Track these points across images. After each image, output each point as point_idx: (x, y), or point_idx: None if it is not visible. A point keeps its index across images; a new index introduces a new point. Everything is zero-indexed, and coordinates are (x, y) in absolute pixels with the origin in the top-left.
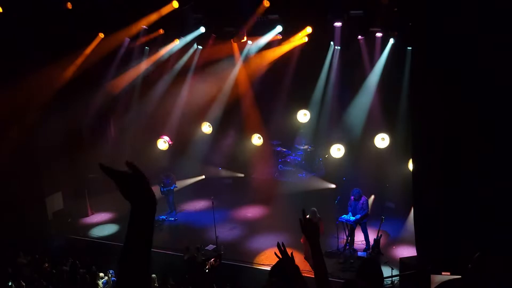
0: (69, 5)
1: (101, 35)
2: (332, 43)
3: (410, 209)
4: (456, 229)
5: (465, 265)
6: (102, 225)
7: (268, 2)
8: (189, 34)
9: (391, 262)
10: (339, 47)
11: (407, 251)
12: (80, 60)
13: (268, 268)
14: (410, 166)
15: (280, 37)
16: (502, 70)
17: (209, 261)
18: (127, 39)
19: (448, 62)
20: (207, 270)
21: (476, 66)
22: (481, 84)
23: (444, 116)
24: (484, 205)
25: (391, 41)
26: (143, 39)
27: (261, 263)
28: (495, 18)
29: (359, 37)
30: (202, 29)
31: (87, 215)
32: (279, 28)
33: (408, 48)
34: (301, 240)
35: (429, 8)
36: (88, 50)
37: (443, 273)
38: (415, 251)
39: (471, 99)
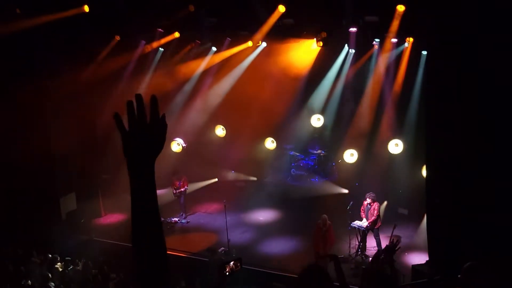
0: (86, 8)
1: (117, 37)
2: (347, 47)
3: (423, 216)
4: (470, 237)
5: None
6: (115, 226)
7: (283, 7)
8: (204, 37)
9: (403, 269)
10: (353, 51)
11: (419, 258)
12: (96, 62)
13: (279, 273)
14: (424, 172)
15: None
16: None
17: (229, 265)
18: (143, 42)
19: (464, 67)
20: (226, 273)
21: (494, 71)
22: (500, 89)
23: (459, 122)
24: (499, 213)
25: (406, 46)
26: (158, 42)
27: (273, 267)
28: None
29: (374, 42)
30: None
31: (100, 216)
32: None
33: (423, 52)
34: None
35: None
36: (104, 52)
37: None
38: (427, 257)
39: (488, 105)
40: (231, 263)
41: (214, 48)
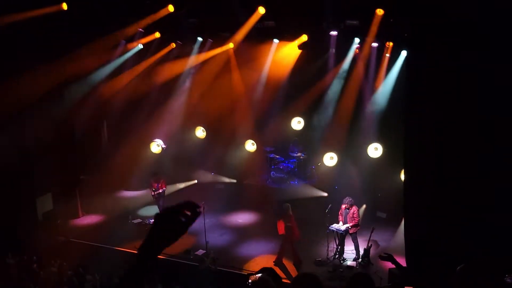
0: (65, 6)
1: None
2: (328, 51)
3: (401, 220)
4: (447, 241)
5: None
6: (92, 227)
7: (263, 8)
8: (185, 38)
9: (380, 273)
10: (334, 55)
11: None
12: (74, 60)
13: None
14: (402, 176)
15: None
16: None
17: (254, 276)
18: (123, 41)
19: (443, 70)
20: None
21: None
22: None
23: (438, 126)
24: (477, 218)
25: (387, 51)
26: (139, 42)
27: (251, 269)
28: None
29: (355, 46)
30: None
31: (77, 217)
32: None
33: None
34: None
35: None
36: (83, 51)
37: None
38: (405, 262)
39: (467, 108)
40: (257, 276)
41: (195, 49)
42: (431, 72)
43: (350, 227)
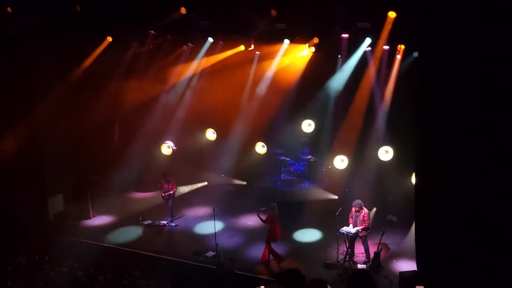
0: (78, 8)
1: (109, 38)
2: (339, 54)
3: (412, 223)
4: (458, 245)
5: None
6: (103, 228)
7: (275, 11)
8: (196, 41)
9: (390, 276)
10: (345, 57)
11: (407, 265)
12: (87, 62)
13: (266, 277)
14: (413, 179)
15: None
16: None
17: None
18: (135, 44)
19: (453, 73)
20: None
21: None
22: (490, 96)
23: (449, 128)
24: (488, 222)
25: (398, 53)
26: (150, 44)
27: (260, 272)
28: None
29: (366, 49)
30: (210, 39)
31: (88, 218)
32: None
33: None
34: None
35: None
36: (96, 53)
37: None
38: (415, 265)
39: (480, 110)
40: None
41: (206, 51)
42: (443, 75)
43: (360, 230)
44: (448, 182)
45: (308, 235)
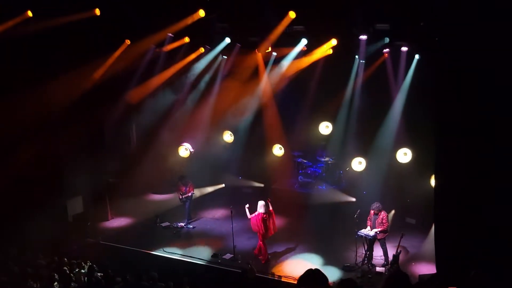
0: (97, 11)
1: (128, 41)
2: (356, 56)
3: (431, 226)
4: (478, 247)
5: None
6: (121, 229)
7: (293, 13)
8: (214, 43)
9: (410, 279)
10: (363, 61)
11: (426, 268)
12: (105, 65)
13: (284, 280)
14: (432, 182)
15: (305, 48)
16: None
17: None
18: (153, 46)
19: (474, 74)
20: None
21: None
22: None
23: (469, 130)
24: (510, 226)
25: (416, 55)
26: (168, 47)
27: (278, 273)
28: None
29: (384, 50)
30: (227, 39)
31: (107, 219)
32: (304, 41)
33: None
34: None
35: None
36: (114, 56)
37: None
38: (435, 268)
39: (499, 113)
40: None
41: (224, 56)
42: (462, 75)
43: (378, 232)
44: (469, 184)
45: (326, 237)
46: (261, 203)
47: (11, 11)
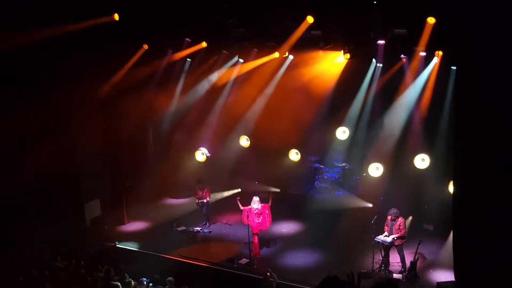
0: (116, 17)
1: (145, 46)
2: (374, 60)
3: (449, 233)
4: (498, 256)
5: None
6: (138, 233)
7: (311, 18)
8: (231, 48)
9: (427, 287)
10: (381, 65)
11: (444, 276)
12: (123, 70)
13: (300, 285)
14: (451, 188)
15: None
16: None
17: None
18: (170, 51)
19: (495, 82)
20: None
21: None
22: None
23: (489, 137)
24: None
25: (435, 60)
26: (186, 51)
27: (294, 279)
28: None
29: (402, 55)
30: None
31: (123, 223)
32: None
33: (453, 67)
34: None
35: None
36: (132, 60)
37: None
38: (453, 276)
39: None
40: None
41: (240, 59)
42: (482, 82)
43: (395, 238)
44: (488, 191)
45: (343, 243)
46: (255, 199)
47: (30, 16)
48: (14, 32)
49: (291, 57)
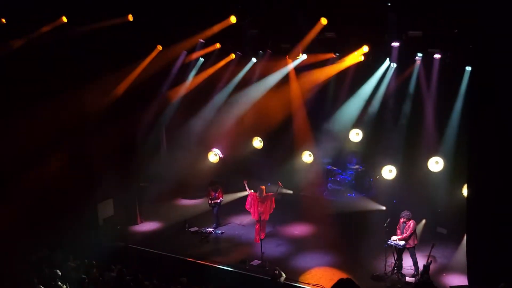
0: (130, 17)
1: (159, 47)
2: (388, 62)
3: (463, 236)
4: (511, 260)
5: None
6: (151, 233)
7: (325, 20)
8: (245, 49)
9: None
10: (394, 65)
11: (458, 280)
12: (137, 71)
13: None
14: (465, 191)
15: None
16: None
17: None
18: (184, 52)
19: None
20: None
21: None
22: None
23: (504, 140)
24: None
25: (449, 62)
26: (199, 53)
27: (306, 281)
28: None
29: (417, 57)
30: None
31: (136, 223)
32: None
33: (467, 68)
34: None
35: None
36: (146, 61)
37: None
38: (466, 280)
39: None
40: None
41: (254, 59)
42: (497, 85)
43: (399, 239)
44: (502, 194)
45: (355, 246)
46: (261, 188)
47: (46, 17)
48: (29, 35)
49: (304, 56)
